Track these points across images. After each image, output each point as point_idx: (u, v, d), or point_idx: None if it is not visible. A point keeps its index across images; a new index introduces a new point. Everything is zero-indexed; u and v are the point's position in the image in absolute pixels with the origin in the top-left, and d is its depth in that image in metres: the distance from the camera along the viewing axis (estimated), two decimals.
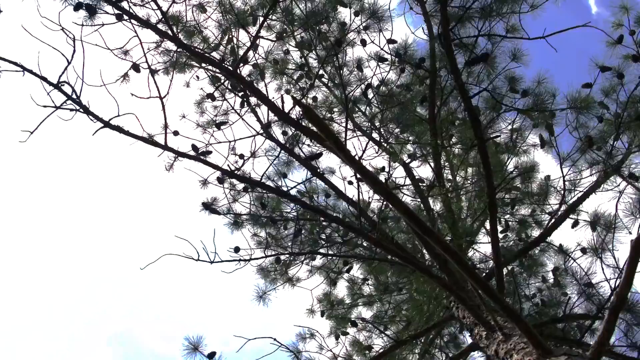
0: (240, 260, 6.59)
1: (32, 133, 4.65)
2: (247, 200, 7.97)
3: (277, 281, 8.53)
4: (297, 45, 8.04)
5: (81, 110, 5.08)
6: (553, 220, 7.17)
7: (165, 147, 5.48)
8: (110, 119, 5.21)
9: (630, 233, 6.72)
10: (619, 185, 6.94)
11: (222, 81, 7.59)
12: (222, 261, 6.38)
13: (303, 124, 5.92)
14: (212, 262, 6.33)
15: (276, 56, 8.21)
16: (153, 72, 5.69)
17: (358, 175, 6.18)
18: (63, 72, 4.91)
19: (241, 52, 7.78)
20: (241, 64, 6.44)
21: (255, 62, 7.92)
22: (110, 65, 6.20)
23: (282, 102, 5.77)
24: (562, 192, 7.06)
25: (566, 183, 7.21)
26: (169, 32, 5.86)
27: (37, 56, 4.70)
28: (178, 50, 6.23)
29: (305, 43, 7.97)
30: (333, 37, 7.93)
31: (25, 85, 4.81)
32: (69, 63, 4.88)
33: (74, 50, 4.88)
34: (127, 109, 5.75)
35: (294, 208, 8.31)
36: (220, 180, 8.20)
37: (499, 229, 8.40)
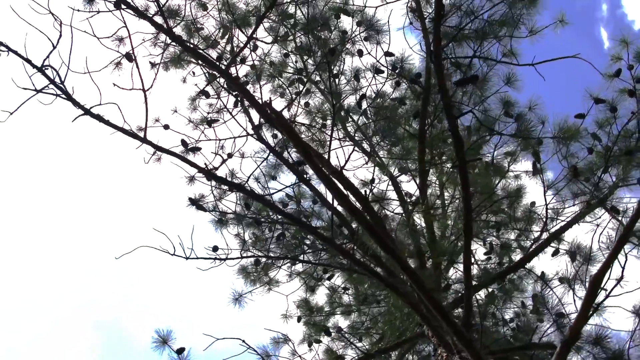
0: (215, 259, 6.58)
1: (11, 114, 4.67)
2: (234, 200, 7.99)
3: (257, 283, 8.49)
4: (296, 50, 8.06)
5: (63, 95, 5.08)
6: (533, 247, 7.17)
7: (144, 140, 5.47)
8: (91, 107, 5.22)
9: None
10: (599, 217, 6.90)
11: (216, 79, 7.61)
12: (197, 258, 6.38)
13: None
14: (187, 258, 6.34)
15: (274, 58, 8.24)
16: (138, 65, 5.67)
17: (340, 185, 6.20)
18: (47, 56, 4.92)
19: (244, 53, 7.90)
20: (236, 64, 6.42)
21: (252, 62, 7.95)
22: (105, 54, 6.18)
23: (270, 105, 5.76)
24: (545, 219, 7.05)
25: (550, 211, 7.23)
26: (164, 25, 5.86)
27: (24, 38, 4.72)
28: (171, 44, 6.21)
29: (305, 48, 7.99)
30: (333, 44, 7.95)
31: (7, 67, 4.83)
32: (54, 47, 4.88)
33: (60, 35, 4.89)
34: (120, 100, 5.80)
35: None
36: (209, 177, 8.22)
37: (483, 250, 8.46)
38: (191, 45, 6.15)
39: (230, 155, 7.85)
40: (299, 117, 7.91)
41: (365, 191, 6.03)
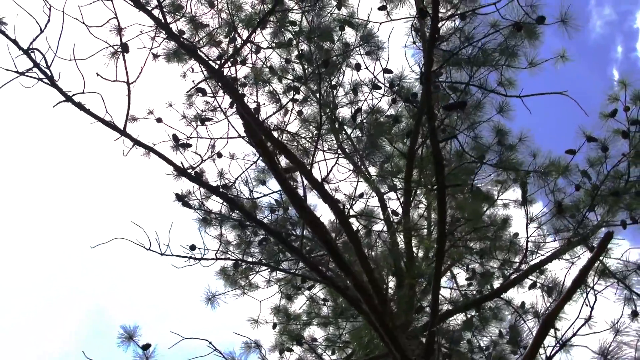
0: (190, 257, 6.57)
1: None
2: (220, 199, 7.98)
3: (235, 285, 8.47)
4: (297, 57, 8.06)
5: (46, 80, 5.09)
6: (511, 278, 7.15)
7: (123, 132, 5.45)
8: (73, 94, 5.22)
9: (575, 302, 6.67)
10: (579, 256, 6.88)
11: (214, 77, 7.60)
12: (172, 255, 6.38)
13: (275, 134, 5.93)
14: (162, 254, 6.34)
15: (275, 64, 8.25)
16: (125, 56, 5.65)
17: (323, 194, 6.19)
18: (34, 39, 4.93)
19: (244, 54, 7.92)
20: (229, 64, 6.43)
21: (253, 65, 7.96)
22: (98, 44, 6.17)
23: (258, 109, 5.77)
24: (525, 252, 7.04)
25: (532, 244, 7.23)
26: (162, 19, 5.87)
27: (13, 20, 4.73)
28: (167, 38, 6.20)
29: (306, 56, 8.00)
30: (335, 54, 7.97)
31: None
32: (41, 31, 4.89)
33: (49, 20, 4.89)
34: (115, 92, 5.81)
35: (267, 215, 8.34)
36: (198, 175, 8.23)
37: (465, 275, 8.44)
38: (186, 42, 6.11)
39: (221, 154, 7.90)
40: (293, 125, 7.91)
41: (344, 205, 6.03)
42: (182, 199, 7.71)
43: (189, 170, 5.75)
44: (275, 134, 7.13)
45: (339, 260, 3.71)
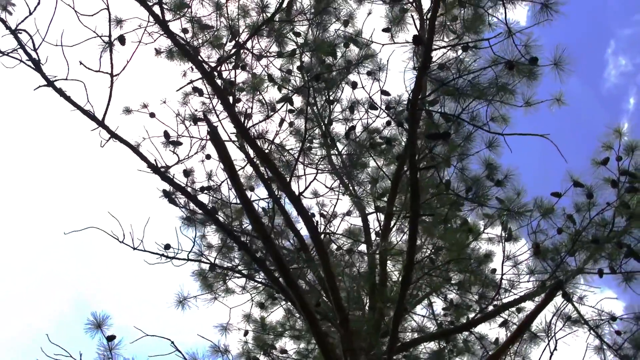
0: (162, 255, 6.58)
1: None
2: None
3: (210, 288, 8.44)
4: (298, 69, 8.08)
5: (30, 62, 5.11)
6: (481, 314, 7.13)
7: (101, 123, 5.46)
8: (54, 80, 5.24)
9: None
10: (551, 301, 6.84)
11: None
12: (144, 250, 6.38)
13: (258, 143, 5.93)
14: (134, 249, 6.35)
15: (273, 71, 8.26)
16: (112, 49, 5.66)
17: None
18: (23, 21, 4.96)
19: (245, 60, 7.94)
20: (228, 69, 6.45)
21: (252, 72, 7.99)
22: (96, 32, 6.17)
23: (245, 116, 5.78)
24: (498, 289, 7.01)
25: (506, 282, 7.21)
26: (161, 15, 5.90)
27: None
28: (163, 35, 6.22)
29: (306, 68, 8.02)
30: (336, 70, 7.98)
31: None
32: (30, 13, 4.92)
33: (39, 2, 4.91)
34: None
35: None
36: (186, 174, 8.24)
37: (441, 303, 8.41)
38: (182, 42, 6.13)
39: (210, 156, 7.91)
40: (285, 135, 7.90)
41: (317, 221, 6.03)
42: (169, 195, 7.72)
43: (163, 169, 5.71)
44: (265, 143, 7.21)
45: (286, 277, 3.70)
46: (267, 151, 6.77)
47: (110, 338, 6.60)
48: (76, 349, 6.33)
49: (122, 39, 6.23)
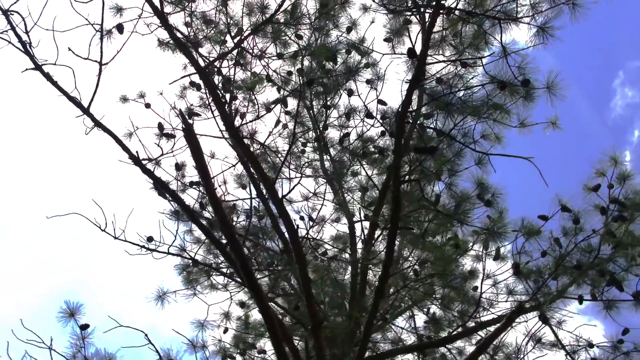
0: (142, 247, 6.58)
1: None
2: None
3: (192, 283, 8.42)
4: (298, 71, 8.08)
5: (19, 45, 5.12)
6: (460, 330, 7.12)
7: (86, 111, 5.46)
8: (43, 63, 5.24)
9: None
10: (527, 320, 6.84)
11: (213, 74, 7.61)
12: (124, 240, 6.38)
13: (246, 142, 5.93)
14: (115, 238, 6.34)
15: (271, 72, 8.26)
16: (103, 37, 5.66)
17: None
18: (15, 2, 4.95)
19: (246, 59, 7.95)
20: (215, 65, 6.45)
21: (252, 70, 8.00)
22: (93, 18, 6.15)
23: (236, 115, 5.78)
24: (476, 307, 6.99)
25: (485, 300, 7.19)
26: (159, 7, 5.90)
27: None
28: (160, 26, 6.21)
29: (307, 72, 8.02)
30: (335, 75, 7.99)
31: None
32: None
33: None
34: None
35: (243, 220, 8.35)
36: (178, 167, 8.25)
37: (423, 316, 8.39)
38: (177, 35, 6.13)
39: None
40: (277, 136, 7.90)
41: (297, 225, 6.02)
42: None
43: (145, 161, 5.70)
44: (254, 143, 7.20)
45: (250, 280, 3.70)
46: (258, 151, 6.77)
47: (84, 327, 6.61)
48: (57, 337, 6.36)
49: (120, 28, 6.25)
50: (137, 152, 5.54)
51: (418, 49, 6.50)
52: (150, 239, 6.88)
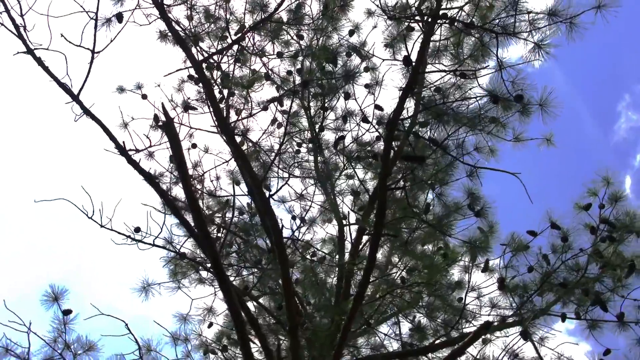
0: (128, 237, 6.57)
1: None
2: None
3: (177, 276, 8.40)
4: (297, 72, 8.09)
5: (12, 28, 5.12)
6: (442, 340, 7.12)
7: (75, 98, 5.45)
8: (35, 48, 5.25)
9: None
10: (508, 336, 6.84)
11: (213, 69, 7.60)
12: (110, 229, 6.38)
13: (237, 139, 5.94)
14: (101, 226, 6.34)
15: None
16: (97, 25, 5.64)
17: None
18: None
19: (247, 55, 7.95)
20: (214, 60, 6.45)
21: (251, 68, 7.99)
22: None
23: (228, 111, 5.78)
24: (458, 318, 7.00)
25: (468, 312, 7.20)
26: None
27: None
28: (158, 17, 6.19)
29: (306, 72, 8.01)
30: (334, 78, 7.97)
31: None
32: None
33: None
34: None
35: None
36: (172, 159, 8.26)
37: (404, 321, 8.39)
38: (174, 27, 6.11)
39: (192, 146, 7.95)
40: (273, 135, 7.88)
41: (283, 225, 6.02)
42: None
43: (132, 152, 5.68)
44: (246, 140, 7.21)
45: (220, 279, 3.70)
46: (248, 150, 6.78)
47: (66, 312, 6.62)
48: (45, 323, 6.38)
49: (119, 17, 6.24)
50: (123, 142, 5.54)
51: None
52: (137, 230, 6.85)
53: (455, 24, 5.73)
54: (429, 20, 5.69)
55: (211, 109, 7.06)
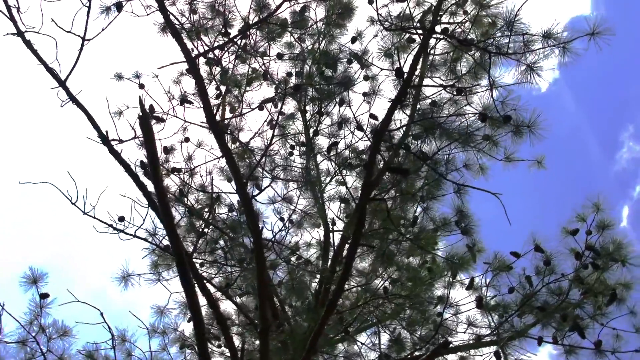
0: (110, 226, 6.57)
1: None
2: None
3: (157, 268, 8.36)
4: (297, 75, 8.09)
5: (5, 10, 5.11)
6: (418, 353, 7.11)
7: (62, 83, 5.45)
8: (26, 30, 5.25)
9: None
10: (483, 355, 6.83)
11: (214, 63, 7.60)
12: (93, 217, 6.37)
13: (227, 138, 5.94)
14: (84, 213, 6.32)
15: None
16: (89, 13, 5.64)
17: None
18: None
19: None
20: (205, 57, 6.46)
21: (250, 65, 7.98)
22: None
23: (219, 108, 5.79)
24: (434, 333, 6.98)
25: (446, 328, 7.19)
26: None
27: None
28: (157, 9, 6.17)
29: (306, 75, 8.02)
30: (334, 83, 7.98)
31: None
32: None
33: None
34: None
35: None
36: (166, 151, 8.26)
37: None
38: (171, 20, 6.09)
39: (185, 140, 7.96)
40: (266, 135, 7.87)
41: (262, 228, 6.02)
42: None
43: (115, 142, 5.68)
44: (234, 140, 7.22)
45: (184, 279, 3.70)
46: (237, 149, 6.78)
47: (43, 296, 6.62)
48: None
49: (119, 5, 6.25)
50: (106, 131, 5.54)
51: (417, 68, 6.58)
52: (121, 219, 6.84)
53: (451, 39, 5.70)
54: (425, 33, 5.67)
55: (202, 105, 7.08)
